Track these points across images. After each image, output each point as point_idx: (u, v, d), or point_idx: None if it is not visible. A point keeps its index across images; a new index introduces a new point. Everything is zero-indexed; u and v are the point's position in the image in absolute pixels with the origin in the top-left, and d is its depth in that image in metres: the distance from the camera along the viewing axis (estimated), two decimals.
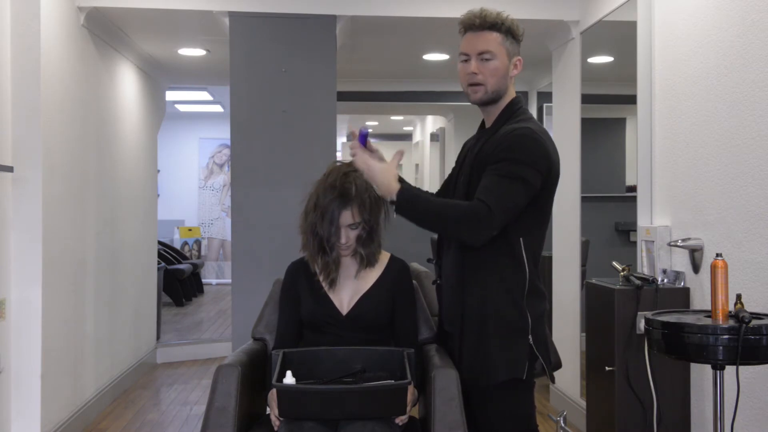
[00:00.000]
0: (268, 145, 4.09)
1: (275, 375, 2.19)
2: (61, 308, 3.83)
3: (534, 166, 2.06)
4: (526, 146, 2.07)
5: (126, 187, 5.05)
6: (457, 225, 2.05)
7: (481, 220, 2.01)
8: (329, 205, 2.31)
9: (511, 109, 2.19)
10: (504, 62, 2.16)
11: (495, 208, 2.00)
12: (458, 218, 2.03)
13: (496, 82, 2.16)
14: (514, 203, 2.04)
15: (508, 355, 2.11)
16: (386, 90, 6.45)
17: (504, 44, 2.16)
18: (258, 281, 3.81)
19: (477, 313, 2.13)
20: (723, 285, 2.29)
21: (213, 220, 11.27)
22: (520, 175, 2.03)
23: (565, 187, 4.41)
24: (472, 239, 2.06)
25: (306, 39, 4.11)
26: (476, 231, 2.03)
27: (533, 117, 2.23)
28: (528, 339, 2.11)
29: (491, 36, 2.15)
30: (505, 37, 2.16)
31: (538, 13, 4.10)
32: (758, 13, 2.64)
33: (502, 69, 2.16)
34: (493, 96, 2.18)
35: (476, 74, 2.16)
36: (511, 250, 2.11)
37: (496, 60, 2.15)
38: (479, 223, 2.01)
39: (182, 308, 8.61)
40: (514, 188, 2.03)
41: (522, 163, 2.04)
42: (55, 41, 3.71)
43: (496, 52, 2.15)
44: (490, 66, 2.15)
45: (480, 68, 2.16)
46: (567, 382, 4.31)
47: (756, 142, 2.66)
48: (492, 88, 2.17)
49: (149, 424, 4.27)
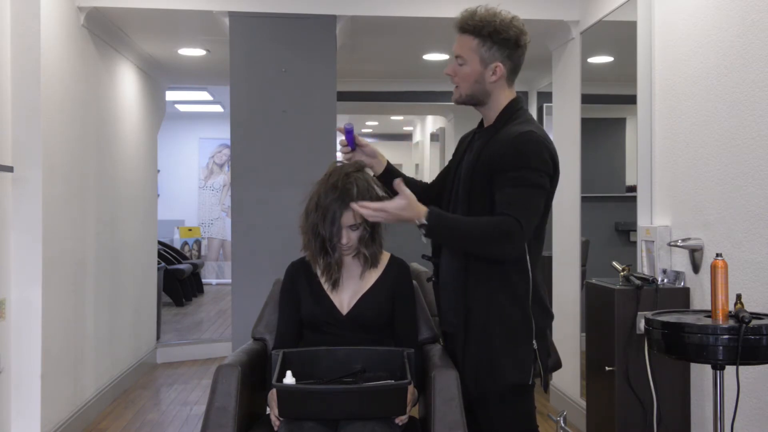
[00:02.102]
0: (268, 145, 4.08)
1: (275, 375, 2.19)
2: (61, 308, 3.83)
3: (546, 171, 2.06)
4: (537, 152, 2.06)
5: (126, 187, 5.05)
6: (491, 243, 2.03)
7: (513, 235, 2.00)
8: (331, 206, 2.30)
9: (510, 111, 2.18)
10: (475, 68, 2.13)
11: (524, 221, 2.00)
12: (491, 236, 2.02)
13: (469, 86, 2.16)
14: (538, 210, 2.06)
15: (513, 360, 2.10)
16: (386, 90, 6.45)
17: (478, 50, 2.12)
18: (258, 281, 3.80)
19: (482, 319, 2.12)
20: (723, 285, 2.29)
21: (213, 220, 11.27)
22: (537, 182, 2.04)
23: (565, 187, 4.41)
24: (507, 255, 2.06)
25: (306, 39, 4.11)
26: (511, 246, 2.03)
27: (533, 118, 2.22)
28: (532, 344, 2.11)
29: (465, 40, 2.14)
30: (482, 42, 2.11)
31: (538, 13, 4.10)
32: (758, 13, 2.64)
33: (473, 75, 2.14)
34: (468, 99, 2.18)
35: (452, 76, 2.18)
36: None
37: (467, 66, 2.14)
38: (512, 237, 2.00)
39: (182, 308, 8.61)
40: (536, 197, 2.04)
41: (537, 170, 2.04)
42: (55, 41, 3.71)
43: (468, 58, 2.14)
44: (461, 70, 2.16)
45: (455, 71, 2.17)
46: (567, 382, 4.31)
47: (756, 142, 2.66)
48: (465, 92, 2.17)
49: (149, 424, 4.27)
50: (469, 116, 7.87)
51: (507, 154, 2.06)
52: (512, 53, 2.15)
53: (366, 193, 2.32)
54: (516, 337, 2.11)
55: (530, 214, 2.03)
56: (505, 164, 2.06)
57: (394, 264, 2.48)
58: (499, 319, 2.11)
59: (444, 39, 4.86)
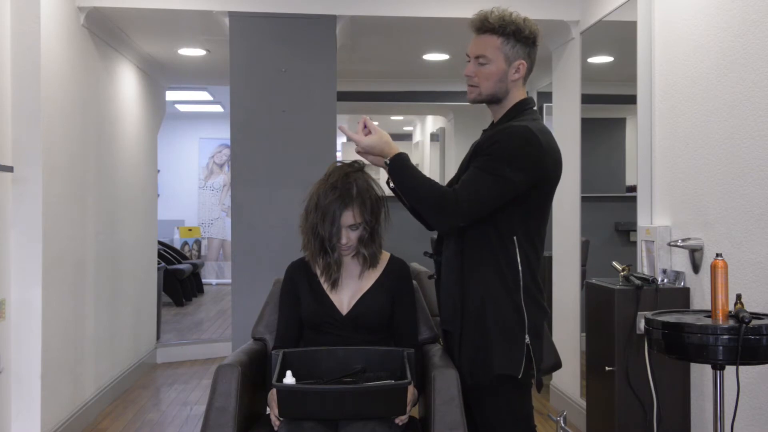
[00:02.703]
0: (268, 145, 4.08)
1: (275, 375, 2.19)
2: (61, 308, 3.83)
3: (520, 166, 2.06)
4: (513, 144, 2.07)
5: (126, 187, 5.05)
6: (426, 205, 2.09)
7: (445, 208, 2.04)
8: (330, 206, 2.31)
9: (517, 109, 2.20)
10: (500, 67, 2.16)
11: (463, 200, 2.03)
12: (429, 199, 2.07)
13: (491, 85, 2.18)
14: (488, 198, 2.05)
15: (504, 351, 2.11)
16: (386, 90, 6.45)
17: (503, 48, 2.16)
18: (258, 281, 3.81)
19: (476, 313, 2.14)
20: (723, 285, 2.29)
21: (213, 220, 11.27)
22: (497, 171, 2.05)
23: (565, 187, 4.40)
24: (435, 224, 2.12)
25: (306, 39, 4.11)
26: (440, 216, 2.08)
27: (540, 118, 2.22)
28: (525, 338, 2.11)
29: (489, 40, 2.17)
30: (506, 40, 2.15)
31: (538, 13, 4.10)
32: (758, 13, 2.64)
33: (497, 73, 2.17)
34: (488, 98, 2.21)
35: (471, 77, 2.20)
36: (506, 250, 2.12)
37: (491, 65, 2.16)
38: (443, 209, 2.05)
39: (182, 308, 8.61)
40: (488, 183, 2.05)
41: (502, 160, 2.05)
42: (55, 41, 3.71)
43: (492, 57, 2.16)
44: (484, 70, 2.17)
45: (476, 71, 2.19)
46: (567, 382, 4.31)
47: (756, 142, 2.66)
48: (486, 92, 2.19)
49: (149, 424, 4.27)
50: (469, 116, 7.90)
51: (487, 143, 2.11)
52: (531, 51, 2.20)
53: (366, 193, 2.32)
54: (508, 330, 2.12)
55: (475, 198, 2.04)
56: (481, 150, 2.11)
57: (394, 264, 2.49)
58: (492, 312, 2.12)
59: (444, 39, 4.86)
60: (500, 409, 2.18)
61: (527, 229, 2.14)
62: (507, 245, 2.12)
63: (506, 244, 2.12)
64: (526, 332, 2.11)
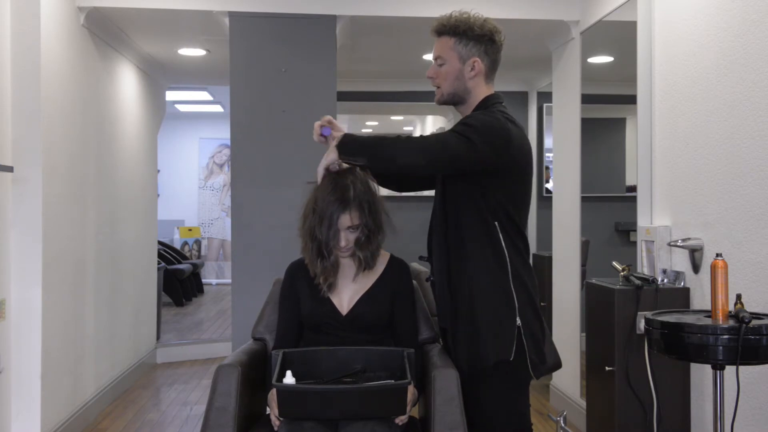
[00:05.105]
0: (268, 145, 4.08)
1: (275, 375, 2.19)
2: (61, 308, 3.83)
3: (484, 135, 2.09)
4: (482, 118, 2.14)
5: (126, 187, 5.05)
6: (391, 146, 2.11)
7: (409, 141, 2.09)
8: (328, 209, 2.31)
9: (485, 104, 2.24)
10: (454, 66, 2.24)
11: (427, 140, 2.10)
12: (393, 141, 2.11)
13: (449, 84, 2.25)
14: (452, 154, 2.08)
15: (494, 336, 2.13)
16: (386, 90, 6.45)
17: (456, 48, 2.23)
18: (258, 281, 3.80)
19: (466, 305, 2.17)
20: (723, 285, 2.29)
21: (213, 220, 11.27)
22: (466, 134, 2.09)
23: (565, 187, 4.41)
24: (402, 159, 2.10)
25: (306, 39, 4.11)
26: (406, 151, 2.09)
27: (507, 112, 2.24)
28: (516, 320, 2.13)
29: (444, 41, 2.26)
30: (459, 40, 2.23)
31: (538, 13, 4.10)
32: (758, 13, 2.64)
33: (453, 72, 2.24)
34: (450, 97, 2.27)
35: (433, 78, 2.28)
36: (490, 237, 2.16)
37: (447, 65, 2.25)
38: (407, 142, 2.09)
39: (182, 308, 8.61)
40: (455, 141, 2.08)
41: (472, 127, 2.10)
42: (55, 41, 3.71)
43: (447, 57, 2.25)
44: (442, 71, 2.26)
45: (436, 72, 2.28)
46: (567, 382, 4.31)
47: (756, 142, 2.66)
48: (446, 91, 2.27)
49: (149, 424, 4.27)
50: None
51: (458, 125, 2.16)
52: (488, 48, 2.24)
53: (364, 195, 2.32)
54: (496, 314, 2.15)
55: (439, 147, 2.08)
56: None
57: (393, 264, 2.49)
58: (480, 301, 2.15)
59: None
60: (494, 400, 2.19)
61: (508, 215, 2.17)
62: (491, 232, 2.16)
63: (490, 231, 2.16)
64: (516, 315, 2.14)
